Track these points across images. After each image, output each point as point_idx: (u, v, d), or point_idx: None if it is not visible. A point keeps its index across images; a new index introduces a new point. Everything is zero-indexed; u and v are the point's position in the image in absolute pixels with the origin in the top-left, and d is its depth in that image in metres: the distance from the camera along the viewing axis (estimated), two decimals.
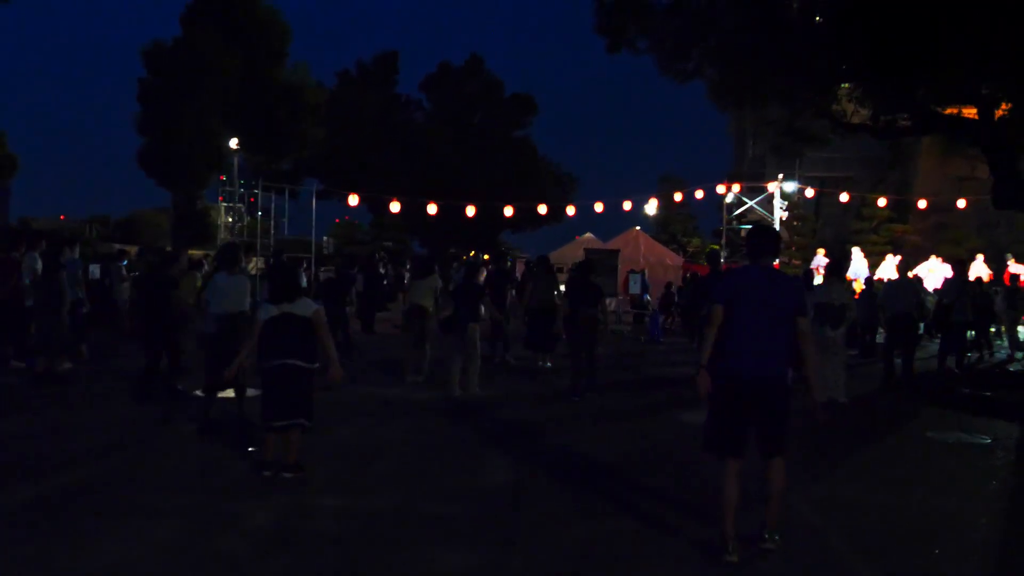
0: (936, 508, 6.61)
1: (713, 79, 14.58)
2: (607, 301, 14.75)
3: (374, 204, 35.08)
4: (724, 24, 13.12)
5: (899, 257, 28.29)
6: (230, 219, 33.51)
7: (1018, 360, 17.99)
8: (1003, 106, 12.57)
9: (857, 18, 11.72)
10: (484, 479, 7.24)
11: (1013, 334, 19.38)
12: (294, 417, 6.91)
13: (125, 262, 20.67)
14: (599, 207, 30.89)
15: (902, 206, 35.53)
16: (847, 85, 13.95)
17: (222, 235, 28.35)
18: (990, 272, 26.97)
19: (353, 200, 29.76)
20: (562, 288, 14.47)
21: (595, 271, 12.88)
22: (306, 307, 6.94)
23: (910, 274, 16.36)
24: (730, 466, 5.52)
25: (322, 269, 30.83)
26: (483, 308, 12.16)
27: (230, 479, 6.94)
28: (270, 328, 6.88)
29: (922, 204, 33.22)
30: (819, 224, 41.47)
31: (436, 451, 8.22)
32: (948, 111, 13.23)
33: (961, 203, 32.01)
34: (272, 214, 30.01)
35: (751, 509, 5.62)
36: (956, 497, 6.97)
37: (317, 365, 7.03)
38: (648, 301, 27.04)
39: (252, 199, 32.78)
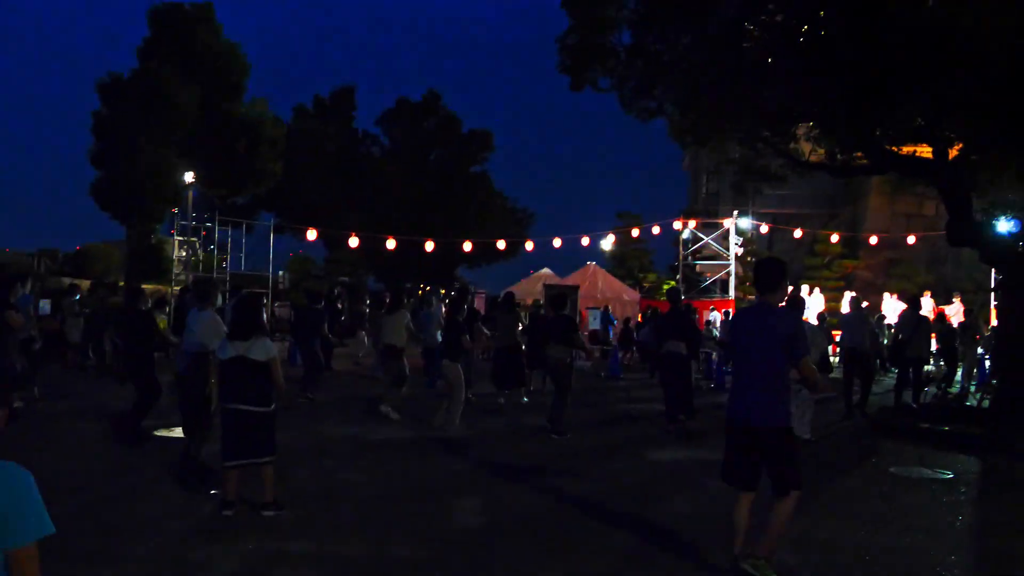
0: (907, 547, 6.64)
1: (674, 118, 14.77)
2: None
3: (329, 238, 34.89)
4: (685, 65, 13.29)
5: (852, 292, 28.87)
6: (184, 253, 33.05)
7: (971, 394, 18.31)
8: (957, 146, 12.87)
9: (813, 60, 11.96)
10: (455, 521, 7.14)
11: (970, 367, 19.73)
12: (250, 456, 6.82)
13: (77, 296, 20.29)
14: (557, 242, 31.02)
15: (853, 242, 36.15)
16: (805, 125, 14.19)
17: (176, 269, 27.91)
18: (935, 308, 27.48)
19: (311, 235, 29.58)
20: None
21: (567, 304, 12.98)
22: (262, 351, 6.80)
23: (863, 304, 16.57)
24: (741, 497, 5.66)
25: (276, 304, 30.53)
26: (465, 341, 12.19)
27: (194, 523, 6.76)
28: (226, 369, 6.79)
29: (873, 240, 33.85)
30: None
31: (403, 493, 8.10)
32: (904, 150, 13.50)
33: (911, 239, 32.67)
34: (228, 248, 29.65)
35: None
36: (924, 534, 7.01)
37: (273, 407, 6.92)
38: (610, 337, 27.14)
39: (204, 232, 32.42)
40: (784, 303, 6.28)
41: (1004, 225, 14.23)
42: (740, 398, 5.64)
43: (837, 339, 24.11)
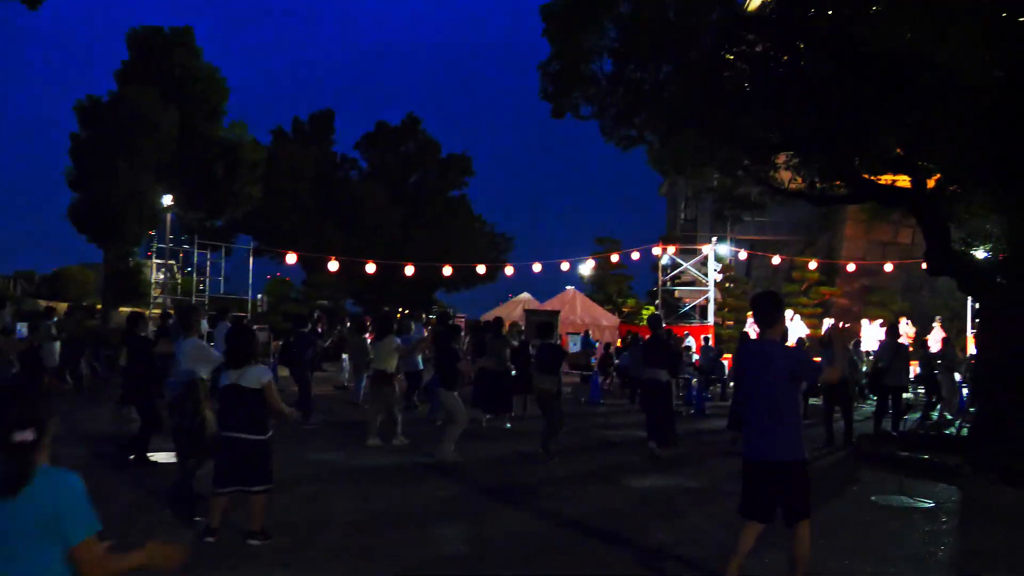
0: None
1: (654, 146, 14.89)
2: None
3: (308, 262, 34.85)
4: (665, 94, 13.42)
5: (833, 321, 29.06)
6: (162, 276, 32.87)
7: (951, 422, 18.44)
8: (935, 176, 13.03)
9: (792, 90, 12.12)
10: (438, 549, 7.10)
11: (950, 395, 19.87)
12: (240, 483, 6.76)
13: (54, 320, 20.06)
14: (537, 267, 31.11)
15: (830, 269, 36.44)
16: (785, 154, 14.34)
17: (154, 293, 27.76)
18: (911, 335, 27.72)
19: (291, 258, 29.50)
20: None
21: (554, 331, 13.02)
22: (256, 378, 6.77)
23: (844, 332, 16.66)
24: (753, 525, 5.76)
25: (255, 327, 30.34)
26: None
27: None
28: (223, 396, 6.77)
29: (851, 267, 34.14)
30: (750, 286, 42.24)
31: (387, 519, 8.04)
32: (882, 179, 13.66)
33: (888, 267, 32.99)
34: (207, 271, 29.58)
35: None
36: (905, 562, 7.03)
37: (270, 434, 6.87)
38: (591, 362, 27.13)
39: (182, 254, 32.30)
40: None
41: (981, 248, 14.36)
42: (757, 434, 5.70)
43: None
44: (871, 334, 28.30)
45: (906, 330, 26.75)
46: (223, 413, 6.81)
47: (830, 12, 10.48)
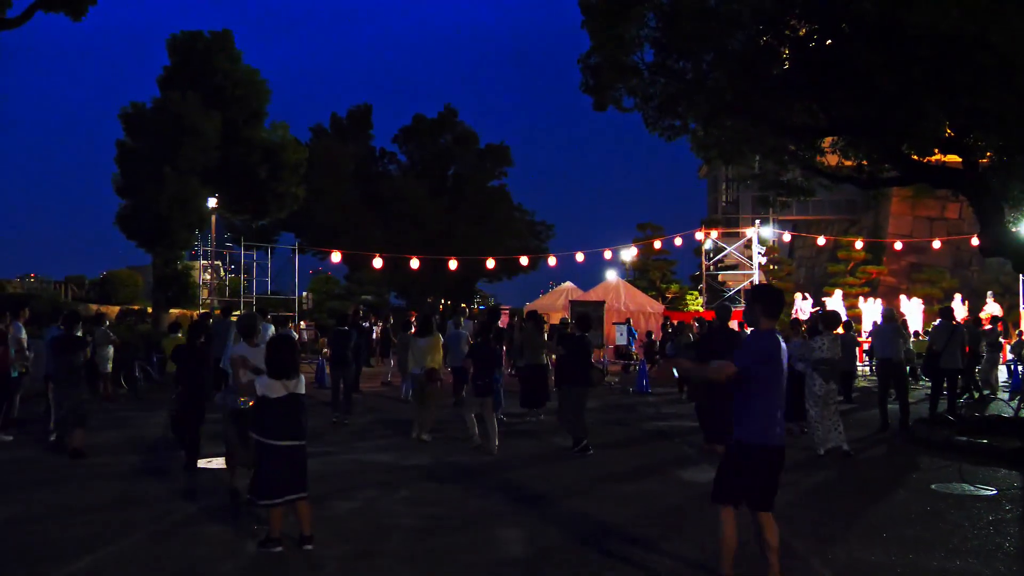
0: (958, 571, 6.59)
1: (698, 134, 14.77)
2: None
3: (351, 257, 35.15)
4: (708, 82, 13.30)
5: (879, 300, 28.73)
6: (208, 277, 33.33)
7: (994, 399, 18.19)
8: (987, 155, 12.81)
9: (837, 74, 11.96)
10: (500, 552, 7.14)
11: (992, 374, 19.61)
12: (298, 491, 6.91)
13: (107, 324, 20.40)
14: (580, 257, 31.06)
15: (876, 247, 35.98)
16: (831, 138, 14.17)
17: (202, 294, 28.19)
18: (966, 313, 27.34)
19: (336, 257, 29.76)
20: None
21: (590, 327, 12.98)
22: (302, 386, 6.99)
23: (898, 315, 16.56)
24: (731, 513, 6.01)
25: (301, 325, 30.66)
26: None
27: (246, 563, 6.78)
28: (278, 408, 6.84)
29: (898, 245, 33.67)
30: (794, 267, 41.86)
31: (445, 524, 8.09)
32: (932, 159, 13.45)
33: (936, 243, 32.48)
34: (253, 271, 29.97)
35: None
36: (974, 557, 6.94)
37: None
38: (633, 351, 27.08)
39: (226, 252, 32.74)
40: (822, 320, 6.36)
41: None
42: (774, 421, 5.84)
43: (866, 349, 24.10)
44: (913, 310, 27.98)
45: (961, 310, 26.34)
46: (278, 423, 6.89)
47: None
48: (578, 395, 12.18)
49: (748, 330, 6.58)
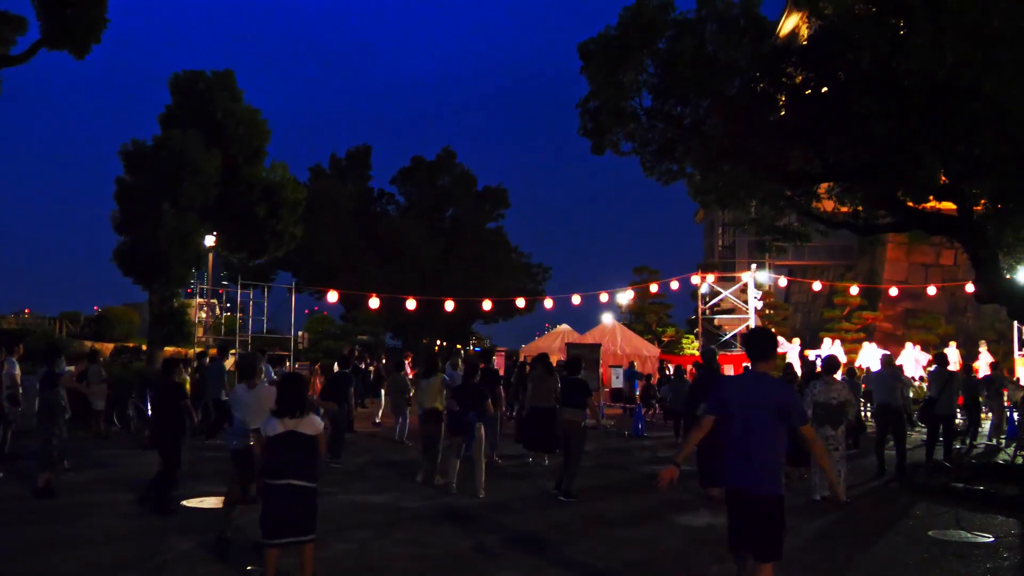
0: None
1: (695, 179, 14.89)
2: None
3: (347, 297, 35.17)
4: (705, 128, 13.44)
5: (874, 345, 28.77)
6: (204, 315, 33.28)
7: (1003, 449, 18.12)
8: (981, 202, 12.91)
9: (834, 121, 12.10)
10: None
11: (999, 421, 19.58)
12: (298, 535, 6.78)
13: (100, 361, 20.34)
14: (576, 299, 31.09)
15: (872, 293, 36.05)
16: (827, 184, 14.28)
17: (198, 332, 28.14)
18: (960, 360, 27.33)
19: (332, 297, 29.76)
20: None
21: (581, 368, 12.97)
22: (313, 425, 6.84)
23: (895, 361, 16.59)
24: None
25: (296, 365, 30.56)
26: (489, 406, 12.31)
27: None
28: (278, 445, 6.78)
29: (893, 291, 33.74)
30: (791, 312, 41.94)
31: (439, 566, 8.04)
32: (927, 206, 13.56)
33: (931, 290, 32.55)
34: (250, 310, 29.94)
35: None
36: None
37: (317, 484, 6.93)
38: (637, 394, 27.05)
39: (221, 291, 32.74)
40: (822, 364, 6.37)
41: None
42: (737, 465, 5.71)
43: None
44: (913, 357, 27.97)
45: (955, 356, 26.35)
46: (277, 462, 6.82)
47: (870, 45, 10.44)
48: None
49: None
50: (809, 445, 5.89)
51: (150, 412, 20.31)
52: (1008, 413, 19.97)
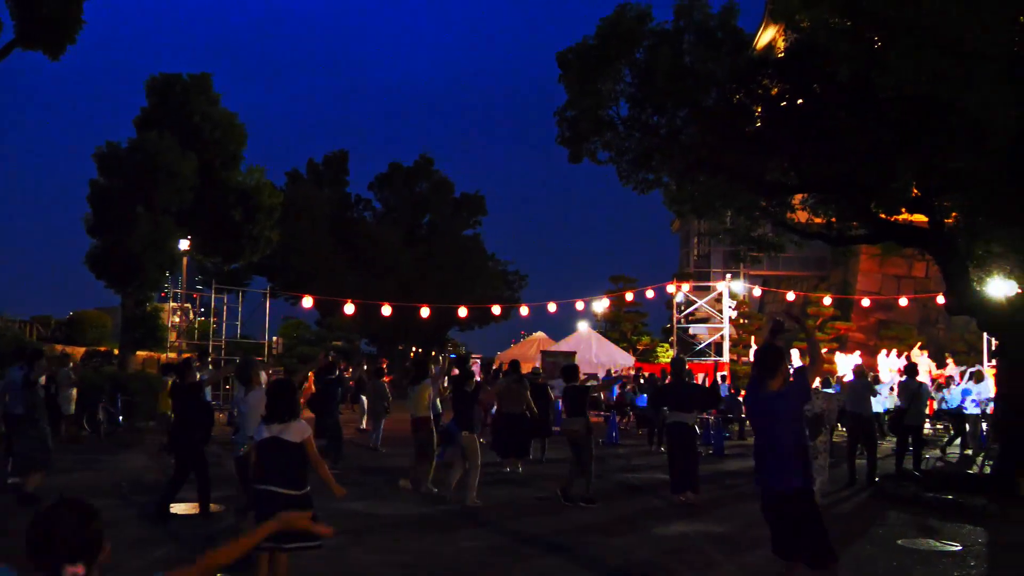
0: None
1: (671, 189, 14.98)
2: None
3: (323, 303, 35.03)
4: (682, 138, 13.54)
5: (846, 354, 29.02)
6: (177, 319, 33.03)
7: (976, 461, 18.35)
8: (952, 215, 13.09)
9: (809, 134, 12.23)
10: None
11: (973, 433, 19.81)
12: (281, 541, 6.73)
13: (71, 366, 20.13)
14: (552, 307, 31.12)
15: (845, 304, 36.38)
16: (802, 195, 14.43)
17: (170, 337, 27.94)
18: (930, 369, 27.66)
19: (307, 302, 29.64)
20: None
21: (576, 378, 13.04)
22: (298, 432, 6.79)
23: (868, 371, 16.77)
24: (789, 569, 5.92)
25: (270, 371, 30.39)
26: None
27: None
28: (261, 451, 6.77)
29: (866, 303, 34.06)
30: (764, 321, 42.19)
31: (419, 574, 8.02)
32: (900, 218, 13.73)
33: (903, 301, 32.89)
34: (224, 315, 29.73)
35: None
36: None
37: (307, 489, 6.87)
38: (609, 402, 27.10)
39: (195, 295, 32.47)
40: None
41: (1001, 286, 14.30)
42: (765, 469, 5.97)
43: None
44: (889, 365, 28.25)
45: (927, 363, 26.69)
46: (261, 468, 6.80)
47: (847, 58, 10.57)
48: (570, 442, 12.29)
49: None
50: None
51: (117, 416, 20.22)
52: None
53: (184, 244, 26.19)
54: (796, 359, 28.85)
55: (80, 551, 2.51)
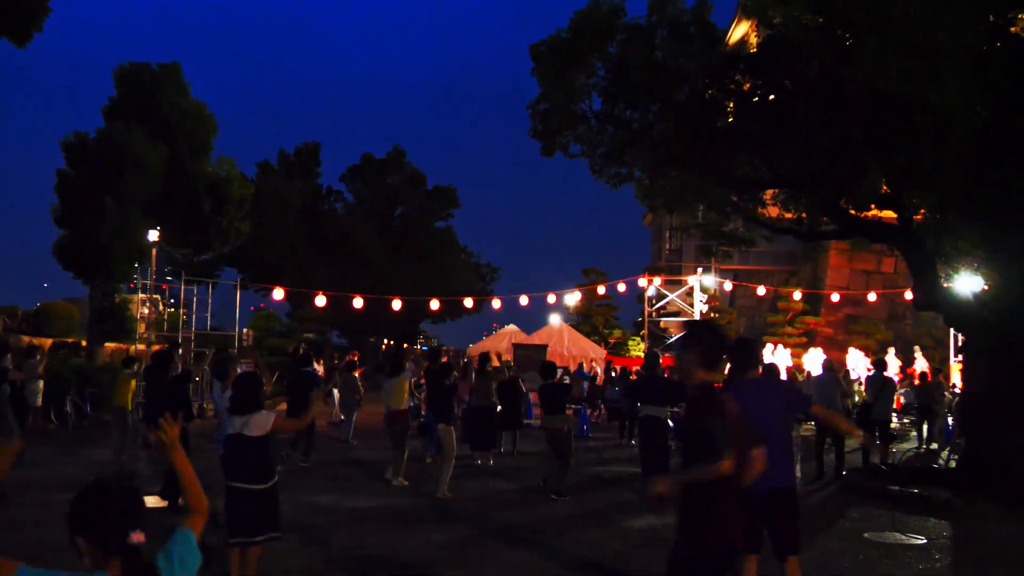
0: None
1: (643, 183, 15.03)
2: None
3: (293, 294, 34.83)
4: (654, 133, 13.57)
5: (818, 350, 29.29)
6: (146, 310, 32.69)
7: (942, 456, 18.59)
8: (921, 212, 13.22)
9: (780, 129, 12.30)
10: None
11: (937, 426, 20.07)
12: (245, 535, 6.71)
13: (37, 357, 19.88)
14: (524, 300, 31.14)
15: (814, 299, 36.69)
16: (772, 191, 14.52)
17: (139, 329, 27.58)
18: (899, 365, 28.01)
19: (278, 294, 29.46)
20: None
21: (554, 375, 13.08)
22: (260, 425, 6.74)
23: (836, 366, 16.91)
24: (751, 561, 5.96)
25: (242, 361, 30.18)
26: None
27: None
28: (228, 447, 6.73)
29: (835, 297, 34.36)
30: (735, 316, 42.49)
31: (385, 566, 8.00)
32: (869, 214, 13.86)
33: (872, 296, 33.22)
34: (194, 306, 29.43)
35: None
36: None
37: (275, 480, 6.85)
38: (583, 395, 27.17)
39: (164, 286, 32.11)
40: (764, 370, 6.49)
41: (968, 283, 14.45)
42: (771, 469, 5.89)
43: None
44: (857, 362, 28.52)
45: (895, 362, 27.04)
46: (228, 463, 6.76)
47: (817, 55, 10.64)
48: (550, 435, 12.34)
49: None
50: (828, 421, 6.23)
51: (85, 409, 20.01)
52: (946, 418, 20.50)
53: (153, 235, 25.88)
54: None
55: (136, 519, 2.68)
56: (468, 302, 34.94)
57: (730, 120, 13.28)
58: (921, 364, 26.45)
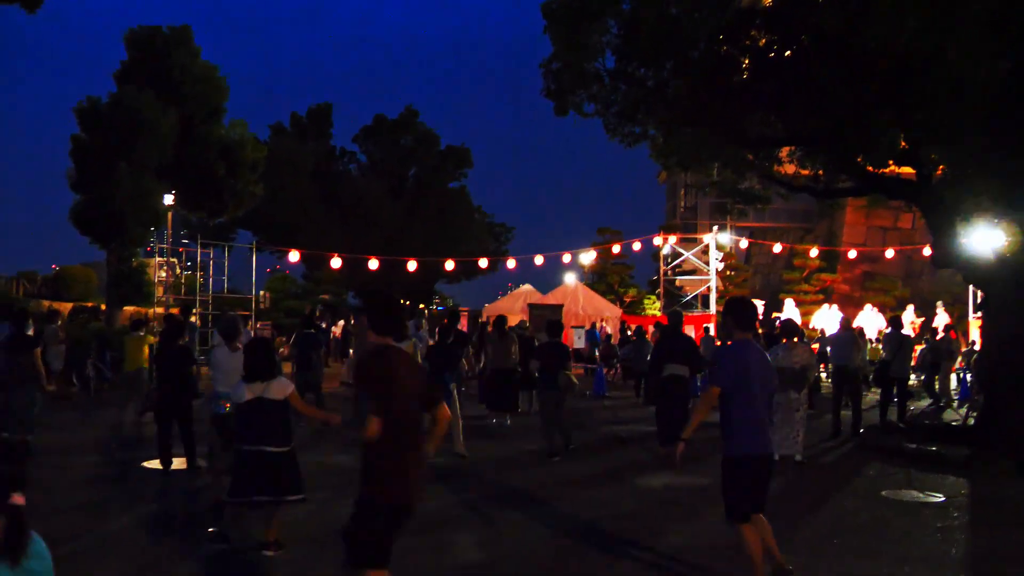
0: None
1: (658, 142, 14.87)
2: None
3: (309, 256, 34.91)
4: (668, 91, 13.40)
5: (833, 307, 29.16)
6: (163, 274, 32.88)
7: (952, 409, 18.54)
8: (940, 168, 13.05)
9: (796, 86, 12.12)
10: (454, 559, 7.14)
11: (945, 383, 20.02)
12: (268, 494, 6.79)
13: (59, 322, 20.03)
14: (539, 260, 31.11)
15: (831, 256, 36.47)
16: (789, 148, 14.36)
17: (157, 293, 27.78)
18: (917, 322, 27.88)
19: (294, 256, 29.55)
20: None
21: (560, 333, 13.03)
22: (280, 389, 6.80)
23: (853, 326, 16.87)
24: (750, 525, 6.11)
25: (258, 325, 30.37)
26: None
27: (192, 570, 6.70)
28: (247, 412, 6.75)
29: (852, 254, 34.15)
30: (751, 273, 42.32)
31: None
32: (887, 171, 13.70)
33: (889, 253, 32.99)
34: (210, 269, 29.60)
35: None
36: (922, 564, 7.06)
37: (293, 445, 6.91)
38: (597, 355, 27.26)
39: (181, 250, 32.30)
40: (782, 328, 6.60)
41: (987, 238, 14.23)
42: (759, 431, 6.01)
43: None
44: (871, 320, 28.41)
45: (912, 320, 26.94)
46: (246, 428, 6.80)
47: (834, 9, 10.45)
48: (546, 400, 12.31)
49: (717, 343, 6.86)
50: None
51: (106, 372, 20.18)
52: (963, 375, 20.43)
53: (168, 199, 25.96)
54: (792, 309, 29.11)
55: (18, 482, 2.73)
56: (483, 262, 34.92)
57: (745, 77, 13.08)
58: (942, 319, 26.30)
